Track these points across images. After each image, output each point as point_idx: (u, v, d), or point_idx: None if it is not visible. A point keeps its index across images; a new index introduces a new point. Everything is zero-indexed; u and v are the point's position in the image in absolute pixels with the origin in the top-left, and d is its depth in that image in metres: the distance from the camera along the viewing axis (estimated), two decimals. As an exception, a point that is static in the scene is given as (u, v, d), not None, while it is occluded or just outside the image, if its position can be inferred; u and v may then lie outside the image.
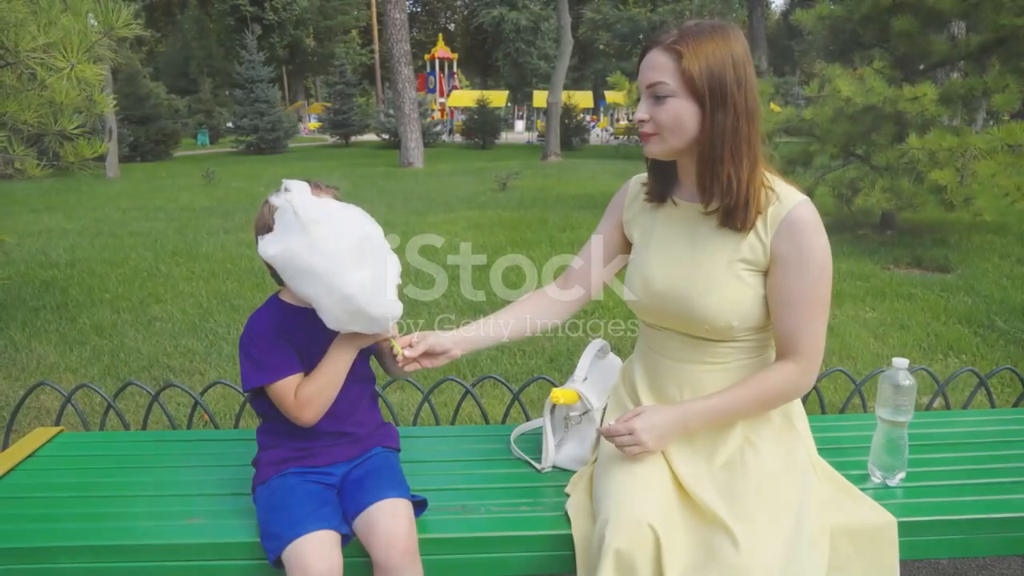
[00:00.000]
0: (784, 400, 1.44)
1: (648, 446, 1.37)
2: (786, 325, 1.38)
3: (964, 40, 7.01)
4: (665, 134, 1.34)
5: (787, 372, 1.40)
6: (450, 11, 58.73)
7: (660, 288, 1.45)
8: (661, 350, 1.52)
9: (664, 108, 1.32)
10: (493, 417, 2.89)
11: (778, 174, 1.40)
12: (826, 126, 6.89)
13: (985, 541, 1.50)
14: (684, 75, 1.28)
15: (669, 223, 1.48)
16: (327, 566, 1.32)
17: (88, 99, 3.30)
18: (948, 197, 5.99)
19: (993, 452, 1.79)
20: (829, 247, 1.37)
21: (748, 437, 1.43)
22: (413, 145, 17.53)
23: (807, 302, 1.36)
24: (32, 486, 1.64)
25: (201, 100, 31.42)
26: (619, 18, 36.56)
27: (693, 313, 1.40)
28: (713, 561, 1.22)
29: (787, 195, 1.35)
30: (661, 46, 1.31)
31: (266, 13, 39.42)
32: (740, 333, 1.41)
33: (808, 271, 1.34)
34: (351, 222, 1.39)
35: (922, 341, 4.07)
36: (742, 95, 1.29)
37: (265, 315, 1.49)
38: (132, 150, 19.46)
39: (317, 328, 1.42)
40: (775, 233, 1.34)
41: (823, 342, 1.42)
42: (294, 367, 1.45)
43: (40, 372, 3.68)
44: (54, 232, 7.86)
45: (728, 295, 1.38)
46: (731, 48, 1.29)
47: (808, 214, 1.34)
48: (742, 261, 1.38)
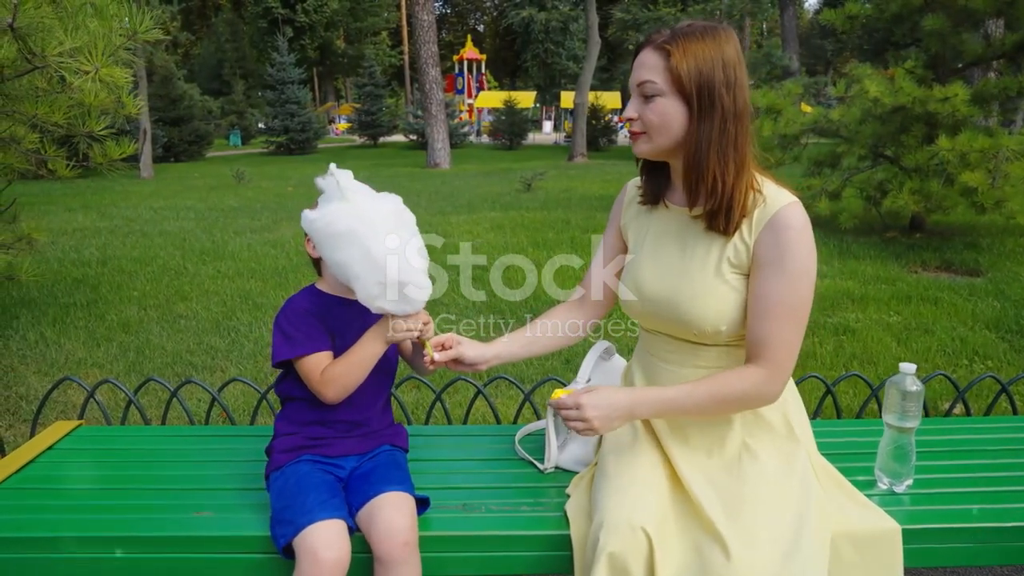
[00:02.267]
0: (745, 406, 1.39)
1: (593, 424, 1.33)
2: (758, 329, 1.34)
3: (999, 39, 6.84)
4: (653, 133, 1.34)
5: (751, 377, 1.34)
6: (479, 12, 58.93)
7: (650, 292, 1.45)
8: (655, 352, 1.52)
9: (652, 107, 1.32)
10: (505, 417, 2.91)
11: (771, 176, 1.38)
12: (854, 127, 6.79)
13: (994, 550, 1.47)
14: (672, 74, 1.28)
15: (661, 226, 1.48)
16: (336, 555, 1.36)
17: (117, 101, 3.39)
18: (979, 199, 5.86)
19: (1008, 460, 1.75)
20: (814, 254, 1.33)
21: (746, 443, 1.41)
22: (440, 146, 17.63)
23: (782, 307, 1.31)
24: (49, 478, 1.69)
25: (234, 101, 31.98)
26: (648, 18, 36.31)
27: (681, 317, 1.40)
28: (704, 570, 1.21)
29: (775, 197, 1.33)
30: (652, 45, 1.31)
31: (297, 15, 39.92)
32: (729, 337, 1.40)
33: (787, 275, 1.31)
34: (388, 198, 1.51)
35: (946, 346, 3.99)
36: (731, 96, 1.28)
37: (303, 296, 1.58)
38: (166, 151, 19.84)
39: (351, 317, 1.54)
40: (759, 234, 1.33)
41: (795, 352, 1.35)
42: (323, 344, 1.51)
43: (68, 368, 3.79)
44: (87, 231, 8.05)
45: (716, 300, 1.37)
46: (721, 49, 1.29)
47: (794, 217, 1.31)
48: (729, 265, 1.36)
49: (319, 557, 1.33)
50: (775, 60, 22.43)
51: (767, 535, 1.24)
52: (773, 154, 7.30)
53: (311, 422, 1.57)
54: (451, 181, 13.72)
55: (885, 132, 6.61)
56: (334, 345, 1.53)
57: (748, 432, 1.43)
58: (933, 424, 2.00)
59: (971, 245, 6.65)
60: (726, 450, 1.41)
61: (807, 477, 1.38)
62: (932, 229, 7.34)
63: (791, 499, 1.32)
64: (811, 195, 7.01)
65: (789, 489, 1.34)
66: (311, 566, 1.33)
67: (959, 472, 1.68)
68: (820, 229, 7.35)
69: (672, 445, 1.44)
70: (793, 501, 1.32)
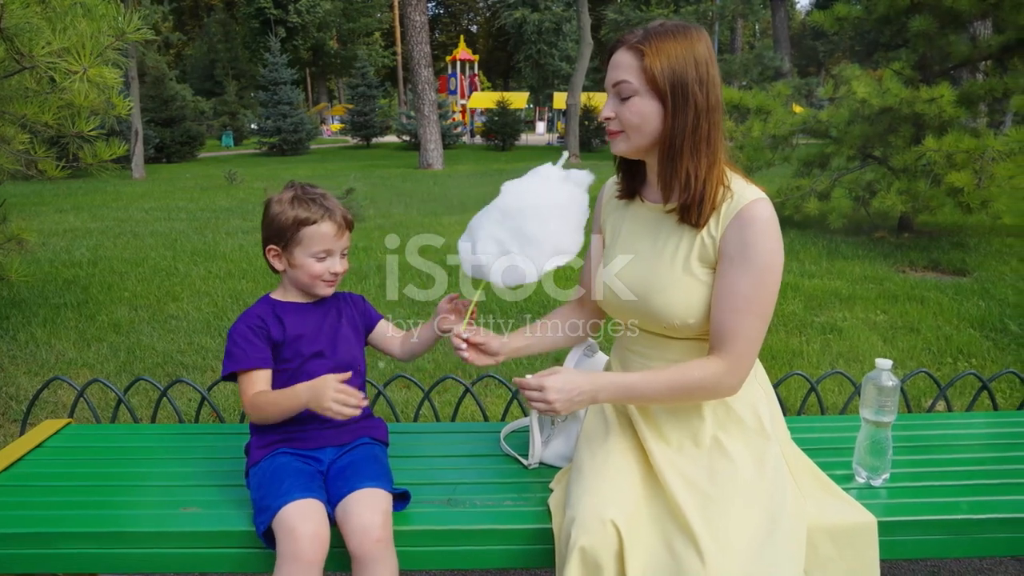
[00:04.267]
0: (704, 396, 1.41)
1: (555, 407, 1.34)
2: (721, 321, 1.36)
3: (985, 41, 6.91)
4: (630, 132, 1.37)
5: (711, 368, 1.36)
6: (472, 13, 58.95)
7: (621, 285, 1.48)
8: (629, 345, 1.55)
9: (628, 107, 1.35)
10: (493, 415, 2.93)
11: (740, 172, 1.41)
12: (842, 128, 6.85)
13: (966, 542, 1.50)
14: (646, 73, 1.31)
15: (635, 221, 1.51)
16: (313, 528, 1.38)
17: (107, 102, 3.39)
18: (966, 200, 5.92)
19: (983, 454, 1.79)
20: (780, 250, 1.35)
21: (718, 437, 1.43)
22: (432, 147, 17.65)
23: (745, 300, 1.34)
24: (37, 475, 1.71)
25: (226, 102, 31.90)
26: (641, 19, 36.43)
27: (651, 310, 1.43)
28: (677, 567, 1.22)
29: (742, 192, 1.36)
30: (625, 45, 1.34)
31: (290, 16, 39.89)
32: (697, 331, 1.43)
33: (751, 269, 1.33)
34: None
35: (932, 345, 4.03)
36: (703, 93, 1.32)
37: (252, 310, 1.63)
38: (158, 151, 19.80)
39: (306, 319, 1.62)
40: (725, 228, 1.35)
41: (756, 346, 1.38)
42: (259, 362, 1.56)
43: (58, 368, 3.79)
44: (78, 232, 8.03)
45: (684, 293, 1.39)
46: (693, 47, 1.32)
47: (760, 212, 1.33)
48: (697, 259, 1.39)
49: (296, 532, 1.36)
50: (767, 61, 22.51)
51: (740, 535, 1.25)
52: (763, 154, 7.35)
53: (285, 421, 1.59)
54: (444, 182, 13.74)
55: (873, 133, 6.67)
56: (287, 348, 1.58)
57: (720, 426, 1.45)
58: (914, 420, 2.04)
59: (958, 245, 6.71)
60: (699, 444, 1.43)
61: (779, 472, 1.40)
62: (920, 229, 7.40)
63: (762, 497, 1.33)
64: (800, 195, 7.06)
65: (761, 488, 1.35)
66: (290, 543, 1.36)
67: (936, 467, 1.71)
68: (809, 229, 7.40)
69: (647, 436, 1.45)
70: (765, 499, 1.33)
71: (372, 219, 8.52)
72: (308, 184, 1.65)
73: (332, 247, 1.60)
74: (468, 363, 1.57)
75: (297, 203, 1.58)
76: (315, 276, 1.60)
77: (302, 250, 1.59)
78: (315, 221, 1.57)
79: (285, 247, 1.60)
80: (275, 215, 1.59)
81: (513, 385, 1.74)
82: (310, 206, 1.58)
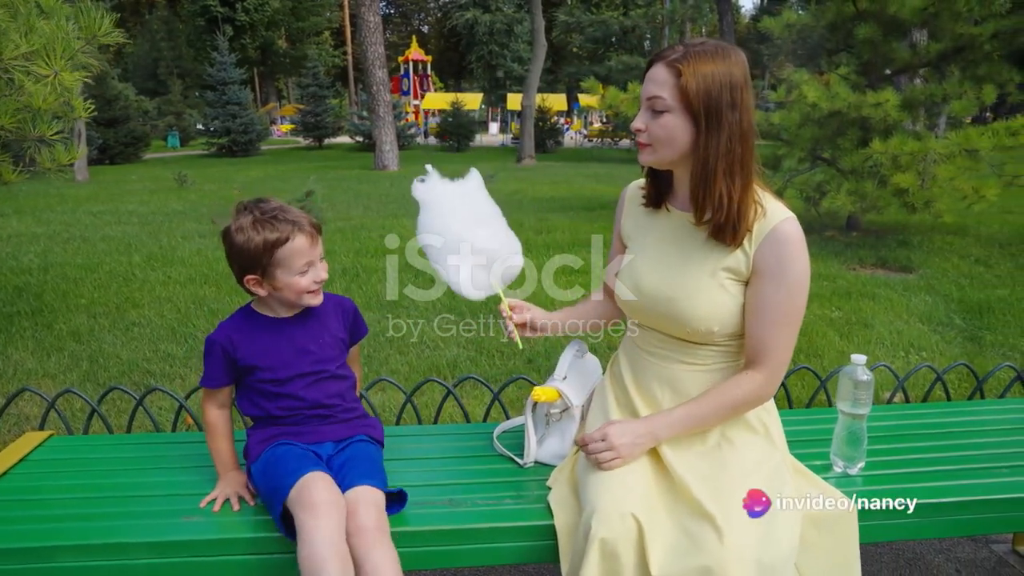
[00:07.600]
0: (748, 408, 1.52)
1: (621, 453, 1.44)
2: (757, 334, 1.45)
3: (924, 48, 7.24)
4: (658, 146, 1.43)
5: (752, 383, 1.47)
6: (423, 13, 58.64)
7: (648, 289, 1.54)
8: (644, 346, 1.62)
9: (659, 122, 1.40)
10: (474, 417, 2.96)
11: (769, 190, 1.48)
12: (794, 131, 7.08)
13: (935, 524, 1.61)
14: (681, 92, 1.36)
15: (662, 228, 1.57)
16: (331, 496, 1.41)
17: (66, 104, 3.31)
18: (910, 200, 6.20)
19: (945, 442, 1.91)
20: (808, 267, 1.44)
21: (725, 433, 1.52)
22: (388, 148, 17.53)
23: (780, 314, 1.43)
24: (27, 488, 1.68)
25: (171, 102, 31.05)
26: (591, 21, 36.87)
27: (677, 316, 1.49)
28: (696, 548, 1.30)
29: (774, 211, 1.43)
30: (664, 61, 1.38)
31: (237, 14, 39.05)
32: (720, 338, 1.50)
33: (785, 285, 1.41)
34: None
35: (884, 339, 4.23)
36: (736, 117, 1.36)
37: (222, 327, 1.65)
38: (101, 153, 19.18)
39: (279, 335, 1.64)
40: (759, 246, 1.42)
41: (789, 354, 1.49)
42: (218, 380, 1.64)
43: (18, 379, 3.67)
44: (24, 237, 7.75)
45: (711, 301, 1.46)
46: (730, 71, 1.36)
47: (792, 231, 1.41)
48: (726, 271, 1.46)
49: (314, 499, 1.39)
50: (715, 64, 22.95)
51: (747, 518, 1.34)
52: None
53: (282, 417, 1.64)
54: (400, 183, 13.66)
55: (823, 135, 6.92)
56: (261, 363, 1.61)
57: (726, 426, 1.53)
58: (877, 411, 2.15)
59: (903, 243, 7.02)
60: (706, 442, 1.52)
61: (780, 468, 1.50)
62: (867, 228, 7.71)
63: (766, 482, 1.42)
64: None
65: (766, 473, 1.45)
66: (309, 514, 1.37)
67: (904, 455, 1.82)
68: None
69: None
70: (768, 484, 1.42)
71: (332, 222, 8.44)
72: (260, 200, 1.60)
73: (311, 257, 1.58)
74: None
75: (260, 226, 1.53)
76: (302, 291, 1.59)
77: (284, 271, 1.55)
78: (287, 238, 1.53)
79: (264, 273, 1.56)
80: (242, 244, 1.54)
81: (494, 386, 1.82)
82: (276, 224, 1.53)
